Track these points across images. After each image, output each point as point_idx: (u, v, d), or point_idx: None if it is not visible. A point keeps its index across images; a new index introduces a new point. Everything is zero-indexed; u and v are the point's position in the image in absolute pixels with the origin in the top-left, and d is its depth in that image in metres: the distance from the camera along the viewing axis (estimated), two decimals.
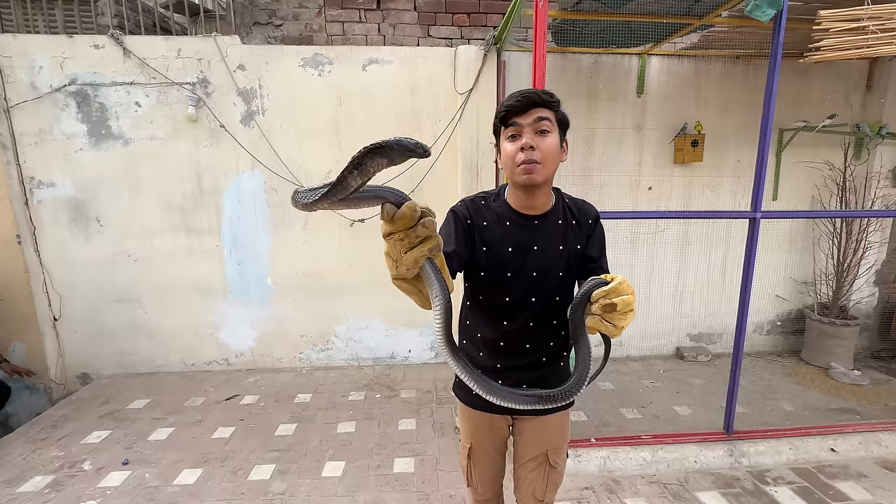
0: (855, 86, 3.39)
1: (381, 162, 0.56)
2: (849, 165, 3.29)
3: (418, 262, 0.70)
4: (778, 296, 3.64)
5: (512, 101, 0.98)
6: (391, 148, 0.54)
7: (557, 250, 1.07)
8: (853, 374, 3.15)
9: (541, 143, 0.97)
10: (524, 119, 0.97)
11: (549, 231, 1.08)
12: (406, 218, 0.65)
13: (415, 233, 0.66)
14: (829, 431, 2.38)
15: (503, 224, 1.08)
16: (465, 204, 1.12)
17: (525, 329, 1.11)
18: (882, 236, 3.50)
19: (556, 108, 1.00)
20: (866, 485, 2.11)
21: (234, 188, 3.17)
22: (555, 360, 1.17)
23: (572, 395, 0.86)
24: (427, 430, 2.59)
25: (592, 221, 1.13)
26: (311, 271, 3.32)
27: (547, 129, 0.98)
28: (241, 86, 3.04)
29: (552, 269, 1.07)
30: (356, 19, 3.19)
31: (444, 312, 0.73)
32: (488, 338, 1.15)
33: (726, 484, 2.12)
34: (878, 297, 3.63)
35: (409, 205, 0.64)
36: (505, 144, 1.03)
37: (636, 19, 2.57)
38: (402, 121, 3.17)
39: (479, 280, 1.10)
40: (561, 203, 1.12)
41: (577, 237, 1.10)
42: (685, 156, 3.26)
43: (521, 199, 1.07)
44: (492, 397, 0.82)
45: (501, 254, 1.07)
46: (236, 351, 3.39)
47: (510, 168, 1.02)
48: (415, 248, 0.68)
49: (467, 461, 1.28)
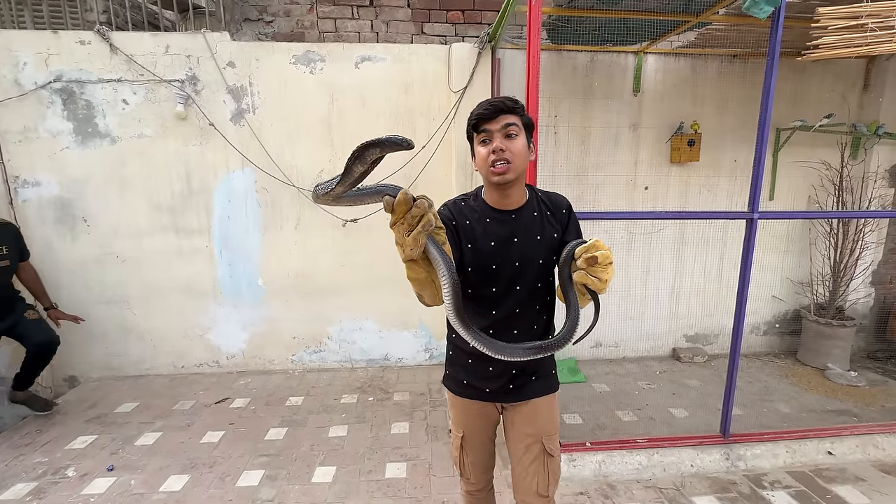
0: (852, 85, 3.37)
1: (374, 151, 0.71)
2: (846, 165, 3.27)
3: (418, 241, 0.79)
4: (774, 296, 3.62)
5: (481, 110, 1.09)
6: (383, 141, 0.69)
7: (535, 240, 1.17)
8: (850, 376, 3.14)
9: (510, 146, 1.08)
10: (493, 125, 1.08)
11: (527, 223, 1.18)
12: (402, 204, 0.76)
13: (410, 214, 0.76)
14: (826, 434, 2.35)
15: (484, 221, 1.18)
16: (447, 207, 1.22)
17: (512, 316, 1.19)
18: (879, 236, 3.48)
19: (521, 114, 1.12)
20: (864, 488, 2.08)
21: (224, 187, 3.12)
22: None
23: (566, 341, 0.98)
24: (420, 433, 2.54)
25: (566, 211, 1.24)
26: (303, 272, 3.27)
27: (514, 133, 1.09)
28: (231, 83, 2.99)
29: (532, 257, 1.17)
30: (349, 16, 3.13)
31: (451, 283, 0.82)
32: (479, 326, 1.17)
33: (723, 488, 2.09)
34: (874, 298, 3.61)
35: (403, 191, 0.76)
36: (478, 148, 1.13)
37: (632, 16, 2.53)
38: (395, 120, 3.12)
39: (467, 275, 1.17)
40: (534, 197, 1.23)
41: (553, 227, 1.20)
42: (682, 155, 3.23)
43: (497, 197, 1.18)
44: (501, 354, 0.95)
45: (485, 248, 1.16)
46: (227, 353, 3.34)
47: (484, 169, 1.12)
48: (413, 228, 0.78)
49: (460, 451, 1.35)
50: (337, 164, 3.15)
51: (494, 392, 1.26)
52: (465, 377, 1.28)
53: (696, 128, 3.20)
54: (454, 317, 0.87)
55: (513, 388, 1.25)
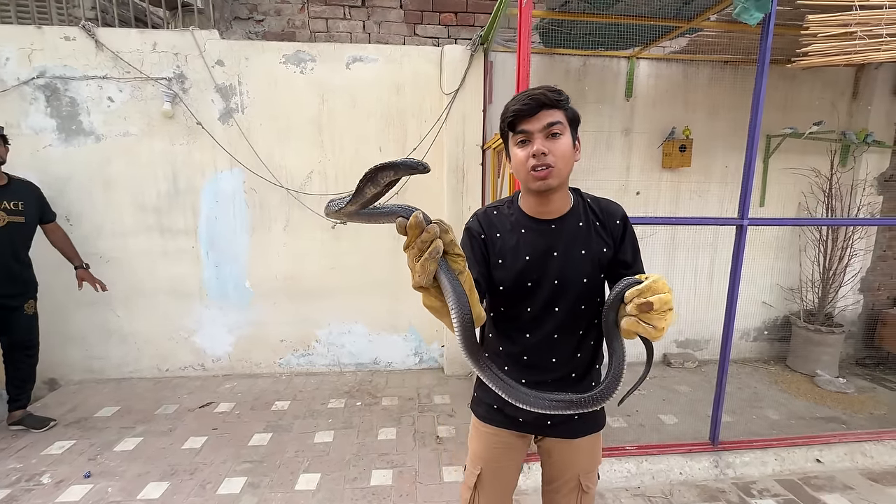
0: (841, 93, 3.40)
1: (388, 174, 0.66)
2: (835, 172, 3.29)
3: (426, 268, 0.71)
4: (764, 302, 3.63)
5: (519, 105, 0.93)
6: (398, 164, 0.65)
7: (580, 255, 1.01)
8: (838, 382, 3.14)
9: (553, 148, 0.93)
10: (533, 124, 0.93)
11: (570, 234, 1.02)
12: (413, 227, 0.69)
13: (420, 239, 0.70)
14: (815, 442, 2.35)
15: (518, 232, 1.03)
16: (477, 218, 1.08)
17: (549, 341, 1.04)
18: (867, 244, 3.50)
19: (566, 107, 0.95)
20: (852, 497, 2.07)
21: (212, 188, 3.07)
22: (585, 377, 1.10)
23: (604, 399, 0.84)
24: (408, 439, 2.50)
25: (620, 222, 1.05)
26: (291, 274, 3.22)
27: (558, 132, 0.93)
28: (220, 82, 2.94)
29: (575, 276, 1.01)
30: (340, 16, 3.10)
31: (460, 318, 0.75)
32: (511, 352, 1.08)
33: (711, 497, 2.07)
34: (862, 305, 3.63)
35: (415, 214, 0.69)
36: (515, 150, 0.98)
37: (624, 21, 2.53)
38: (386, 121, 3.10)
39: (498, 293, 1.04)
40: (581, 204, 1.06)
41: (603, 240, 1.03)
42: (673, 161, 3.23)
43: (536, 205, 1.03)
44: (519, 403, 0.82)
45: (518, 264, 1.01)
46: (213, 356, 3.28)
47: (523, 174, 0.97)
48: (423, 254, 0.70)
49: (472, 492, 1.16)
50: (327, 166, 3.12)
51: (529, 423, 1.10)
52: (495, 401, 1.12)
53: (687, 133, 3.21)
54: (466, 355, 0.80)
55: (552, 423, 1.09)
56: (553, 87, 0.94)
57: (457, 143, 3.08)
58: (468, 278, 0.81)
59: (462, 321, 0.76)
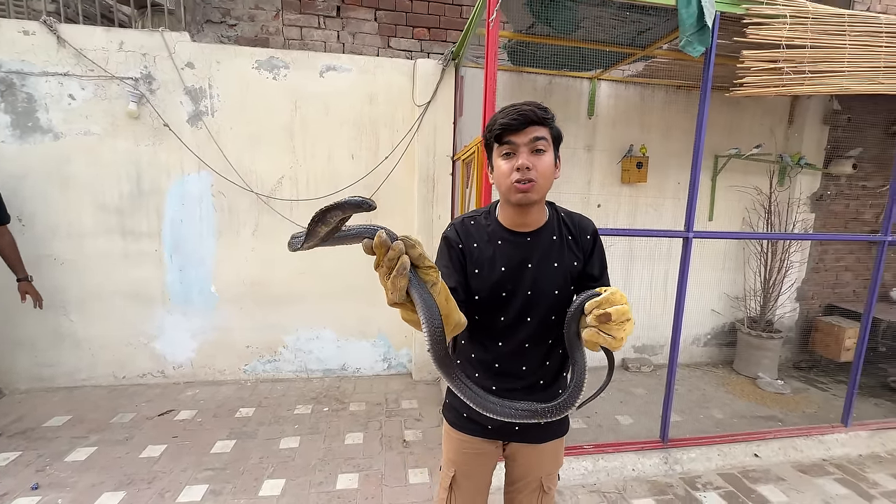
0: (779, 119, 3.73)
1: (337, 213, 0.68)
2: (773, 191, 3.60)
3: (396, 284, 0.72)
4: (713, 310, 3.89)
5: (508, 119, 0.95)
6: (343, 204, 0.67)
7: (553, 267, 1.04)
8: (777, 384, 3.41)
9: (537, 163, 0.96)
10: (520, 138, 0.95)
11: (544, 247, 1.05)
12: (378, 246, 0.70)
13: (387, 257, 0.71)
14: (753, 438, 2.55)
15: (494, 243, 1.06)
16: (454, 228, 1.10)
17: (520, 350, 1.07)
18: (802, 257, 3.84)
19: (551, 125, 0.99)
20: (783, 487, 2.27)
21: (178, 190, 3.02)
22: (553, 384, 1.13)
23: (567, 409, 0.87)
24: (374, 444, 2.53)
25: (591, 237, 1.09)
26: (259, 279, 3.19)
27: (542, 149, 0.96)
28: (190, 84, 2.92)
29: (547, 287, 1.04)
30: (315, 25, 3.15)
31: (430, 330, 0.76)
32: (482, 359, 1.11)
33: (661, 491, 2.21)
34: (798, 312, 3.95)
35: (379, 234, 0.70)
36: (499, 162, 1.00)
37: (585, 46, 2.71)
38: (359, 129, 3.15)
39: (474, 302, 1.06)
40: (556, 218, 1.09)
41: (574, 254, 1.07)
42: (631, 176, 3.45)
43: (514, 217, 1.05)
44: (487, 412, 0.84)
45: (494, 274, 1.04)
46: (174, 362, 3.19)
47: (504, 186, 0.99)
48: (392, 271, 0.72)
49: (448, 493, 1.20)
50: (298, 171, 3.13)
51: (498, 430, 1.13)
52: (465, 409, 1.14)
53: (643, 151, 3.43)
54: (438, 367, 0.80)
55: (519, 429, 1.13)
56: (541, 105, 0.97)
57: (428, 154, 3.17)
58: (443, 288, 0.82)
59: (432, 333, 0.76)
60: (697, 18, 1.99)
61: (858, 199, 3.92)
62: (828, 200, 3.85)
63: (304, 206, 3.15)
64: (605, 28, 2.50)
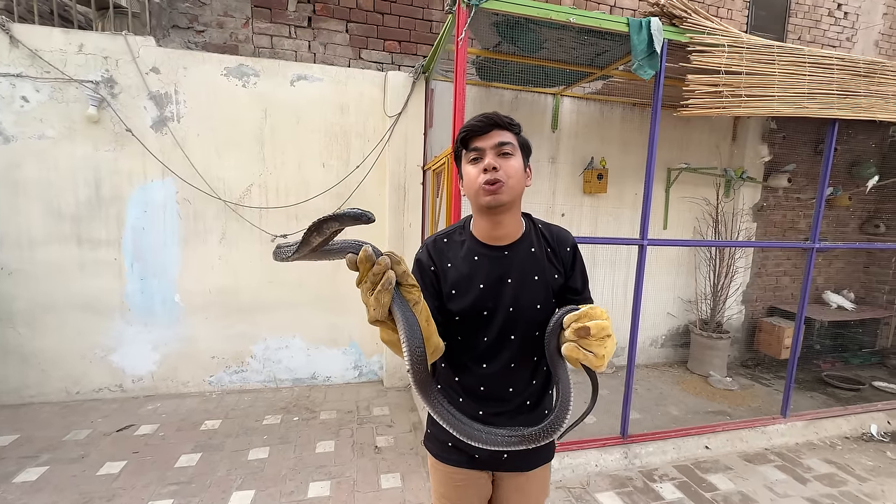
0: (724, 136, 4.05)
1: (334, 224, 0.67)
2: (720, 202, 3.90)
3: (380, 300, 0.71)
4: (669, 313, 4.14)
5: (473, 122, 0.95)
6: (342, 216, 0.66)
7: (533, 280, 1.00)
8: (726, 381, 3.66)
9: (504, 164, 0.94)
10: (485, 142, 0.95)
11: (522, 260, 1.01)
12: (363, 261, 0.69)
13: (372, 272, 0.70)
14: (705, 431, 2.74)
15: (471, 259, 1.01)
16: (427, 249, 1.05)
17: (506, 370, 1.02)
18: (746, 262, 4.16)
19: (518, 133, 0.99)
20: (731, 475, 2.45)
21: (140, 197, 2.93)
22: (539, 404, 1.09)
23: (554, 431, 0.83)
24: (346, 451, 2.53)
25: (570, 249, 1.06)
26: (226, 288, 3.13)
27: (509, 153, 0.95)
28: (155, 89, 2.86)
29: (529, 302, 1.00)
30: (286, 34, 3.17)
31: (410, 351, 0.74)
32: (466, 383, 1.06)
33: (621, 484, 2.34)
34: (744, 314, 4.27)
35: (364, 248, 0.70)
36: (467, 168, 0.98)
37: (547, 64, 2.88)
38: (330, 138, 3.18)
39: (454, 323, 1.01)
40: (533, 229, 1.06)
41: (555, 266, 1.04)
42: (592, 187, 3.65)
43: (488, 229, 1.00)
44: (472, 441, 0.80)
45: (472, 292, 0.99)
46: (133, 376, 3.07)
47: (474, 190, 0.96)
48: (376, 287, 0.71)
49: None
50: (268, 179, 3.12)
51: (485, 459, 1.07)
52: (450, 438, 1.07)
53: (603, 164, 3.64)
54: (417, 389, 0.77)
55: (508, 457, 1.06)
56: (506, 115, 0.98)
57: (399, 163, 3.24)
58: (424, 308, 0.80)
59: (413, 354, 0.74)
60: (648, 45, 2.18)
61: (794, 210, 4.30)
62: (767, 211, 4.20)
63: (274, 213, 3.14)
64: (566, 49, 2.67)
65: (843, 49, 4.48)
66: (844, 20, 4.47)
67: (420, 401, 0.77)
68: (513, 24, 2.34)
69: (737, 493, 2.29)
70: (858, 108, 2.57)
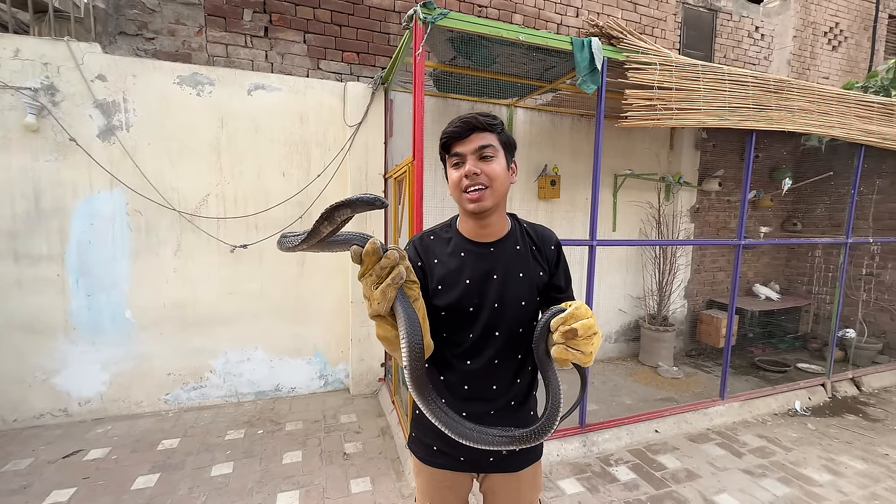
0: (663, 145, 4.41)
1: (346, 212, 0.66)
2: (661, 205, 4.23)
3: (386, 294, 0.71)
4: (620, 310, 4.41)
5: (452, 128, 0.97)
6: (354, 202, 0.65)
7: (518, 277, 1.02)
8: (673, 370, 3.96)
9: (485, 168, 0.95)
10: (466, 147, 0.96)
11: (508, 257, 1.03)
12: (370, 254, 0.69)
13: (379, 265, 0.70)
14: (654, 416, 2.96)
15: (457, 256, 1.03)
16: (413, 245, 1.08)
17: (489, 367, 1.03)
18: (686, 260, 4.52)
19: (499, 132, 0.99)
20: (678, 455, 2.67)
21: (86, 210, 2.80)
22: (524, 405, 1.10)
23: (546, 432, 0.84)
24: (314, 460, 2.53)
25: (555, 248, 1.09)
26: (182, 301, 3.03)
27: (490, 155, 0.96)
28: (101, 98, 2.76)
29: (514, 298, 1.02)
30: (242, 44, 3.14)
31: (410, 347, 0.73)
32: (451, 381, 1.06)
33: (580, 470, 2.49)
34: (686, 308, 4.63)
35: (372, 241, 0.70)
36: (450, 172, 1.00)
37: (501, 78, 3.05)
38: (290, 147, 3.18)
39: (440, 319, 1.02)
40: (518, 228, 1.09)
41: (539, 264, 1.06)
42: (546, 193, 3.85)
43: (474, 227, 1.03)
44: (464, 440, 0.81)
45: (458, 287, 1.01)
46: (80, 398, 2.89)
47: (457, 195, 0.99)
48: (382, 281, 0.70)
49: None
50: (225, 189, 3.07)
51: (470, 462, 1.08)
52: (435, 442, 1.08)
53: (556, 171, 3.86)
54: (412, 387, 0.76)
55: (494, 460, 1.07)
56: (487, 113, 0.98)
57: (360, 172, 3.28)
58: (422, 306, 0.81)
59: (411, 350, 0.73)
60: (590, 62, 2.38)
61: (725, 211, 4.74)
62: (702, 212, 4.60)
63: (233, 223, 3.09)
64: (518, 64, 2.85)
65: (762, 67, 5.01)
66: (762, 41, 5.00)
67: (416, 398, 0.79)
68: (467, 41, 2.47)
69: (683, 471, 2.50)
70: (771, 120, 2.91)
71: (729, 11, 4.77)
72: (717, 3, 4.70)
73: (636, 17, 4.33)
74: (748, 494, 2.30)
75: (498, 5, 3.80)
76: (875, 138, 3.33)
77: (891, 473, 2.50)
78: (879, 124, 3.35)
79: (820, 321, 4.73)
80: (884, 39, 5.72)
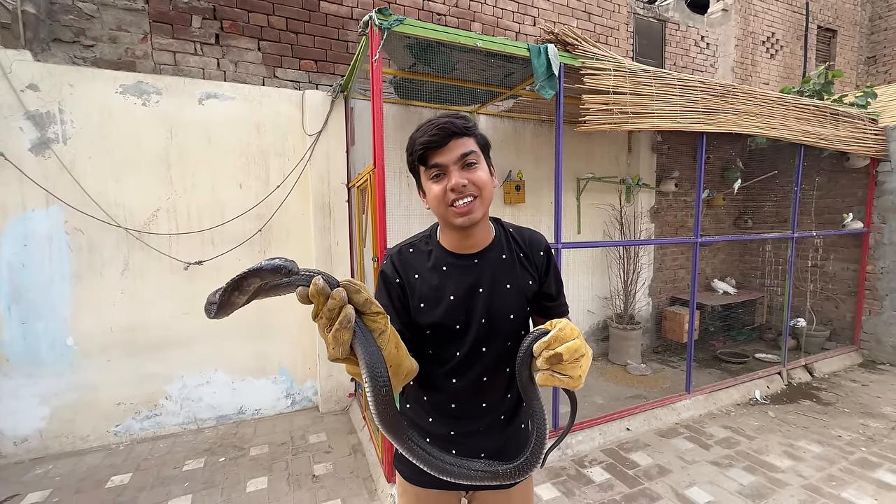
0: (622, 148, 4.56)
1: (254, 281, 0.60)
2: (623, 207, 4.36)
3: (338, 338, 0.64)
4: (589, 310, 4.49)
5: (427, 137, 0.87)
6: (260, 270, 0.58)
7: (505, 289, 0.96)
8: (641, 367, 4.04)
9: (472, 177, 0.87)
10: (446, 156, 0.87)
11: (494, 268, 0.96)
12: (315, 296, 0.62)
13: (327, 308, 0.63)
14: (625, 415, 3.00)
15: (439, 270, 0.95)
16: (391, 261, 0.99)
17: (477, 385, 0.97)
18: (649, 259, 4.67)
19: (476, 134, 0.91)
20: (649, 451, 2.71)
21: (18, 230, 2.57)
22: (515, 418, 1.05)
23: (532, 467, 0.79)
24: (281, 485, 2.39)
25: (544, 253, 1.01)
26: (132, 325, 2.83)
27: (474, 162, 0.88)
28: (33, 109, 2.56)
29: (502, 312, 0.95)
30: (191, 51, 3.01)
31: (373, 391, 0.67)
32: (436, 401, 1.00)
33: (556, 474, 2.48)
34: (651, 306, 4.77)
35: (315, 281, 0.62)
36: (430, 185, 0.90)
37: (461, 84, 3.05)
38: (246, 158, 3.06)
39: (424, 338, 0.96)
40: (503, 235, 1.01)
41: (528, 272, 0.99)
42: (512, 198, 3.88)
43: (457, 239, 0.96)
44: (444, 476, 0.76)
45: (442, 304, 0.93)
46: (15, 437, 2.63)
47: (441, 210, 0.90)
48: (333, 323, 0.64)
49: None
50: (177, 203, 2.90)
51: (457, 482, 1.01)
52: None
53: (520, 176, 3.90)
54: (384, 429, 0.71)
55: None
56: (459, 114, 0.90)
57: (322, 182, 3.20)
58: (392, 335, 0.74)
59: (376, 394, 0.67)
60: (547, 68, 2.42)
61: (683, 211, 4.93)
62: (661, 213, 4.77)
63: (186, 239, 2.92)
64: (477, 70, 2.86)
65: (709, 74, 5.29)
66: (707, 50, 5.29)
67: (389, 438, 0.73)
68: (425, 47, 2.46)
69: (655, 467, 2.53)
70: (719, 123, 3.05)
71: (676, 22, 5.02)
72: (665, 14, 4.94)
73: (591, 25, 4.48)
74: (717, 486, 2.35)
75: (457, 14, 3.83)
76: (812, 138, 3.56)
77: (844, 455, 2.63)
78: (815, 125, 3.58)
79: (773, 312, 4.98)
80: (814, 48, 6.19)
